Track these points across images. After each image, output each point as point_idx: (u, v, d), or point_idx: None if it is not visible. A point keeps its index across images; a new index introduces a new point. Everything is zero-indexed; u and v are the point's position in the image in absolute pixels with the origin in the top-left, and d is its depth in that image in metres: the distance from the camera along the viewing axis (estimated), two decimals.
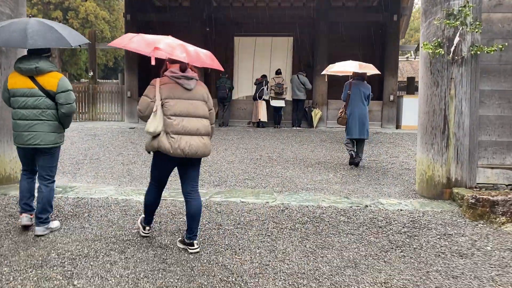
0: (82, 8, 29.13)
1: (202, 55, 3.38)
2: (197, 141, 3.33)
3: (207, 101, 3.49)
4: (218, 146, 8.76)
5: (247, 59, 14.41)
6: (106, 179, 6.01)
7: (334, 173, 6.53)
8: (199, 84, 3.47)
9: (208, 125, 3.47)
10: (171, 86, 3.35)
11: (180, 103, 3.32)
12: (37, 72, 3.64)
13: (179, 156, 3.28)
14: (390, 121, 12.68)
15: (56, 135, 3.77)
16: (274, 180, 6.02)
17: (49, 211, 3.84)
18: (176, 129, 3.27)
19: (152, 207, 3.71)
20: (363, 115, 6.94)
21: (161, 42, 3.24)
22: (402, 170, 6.79)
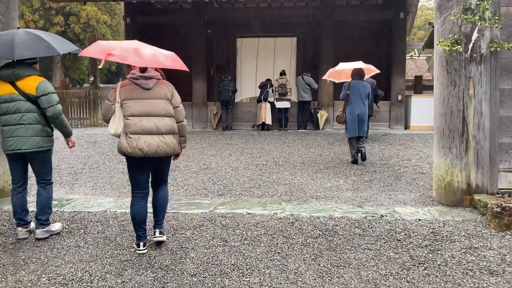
0: (84, 12, 29.01)
1: (161, 57, 3.40)
2: (157, 140, 3.34)
3: (171, 99, 3.49)
4: (222, 152, 8.46)
5: (250, 61, 14.12)
6: (105, 189, 5.72)
7: (345, 179, 6.21)
8: (160, 83, 3.49)
9: (172, 124, 3.45)
10: (130, 87, 3.42)
11: (138, 103, 3.37)
12: (15, 76, 3.63)
13: (139, 156, 3.33)
14: (398, 121, 12.33)
15: (40, 139, 3.69)
16: (281, 187, 5.71)
17: (48, 212, 3.85)
18: (133, 129, 3.33)
19: (138, 219, 3.54)
20: (363, 114, 7.13)
21: (116, 48, 3.33)
22: (416, 175, 6.46)
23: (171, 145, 3.43)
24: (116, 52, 3.29)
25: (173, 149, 3.47)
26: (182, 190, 5.60)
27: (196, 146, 9.17)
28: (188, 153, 8.34)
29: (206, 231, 3.99)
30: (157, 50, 3.46)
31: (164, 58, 3.44)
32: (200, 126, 13.02)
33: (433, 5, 5.31)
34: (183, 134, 3.62)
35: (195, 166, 7.14)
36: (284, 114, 12.17)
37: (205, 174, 6.55)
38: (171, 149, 3.45)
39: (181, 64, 3.55)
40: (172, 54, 3.55)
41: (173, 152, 3.49)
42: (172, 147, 3.44)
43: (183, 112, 3.60)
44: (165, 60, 3.43)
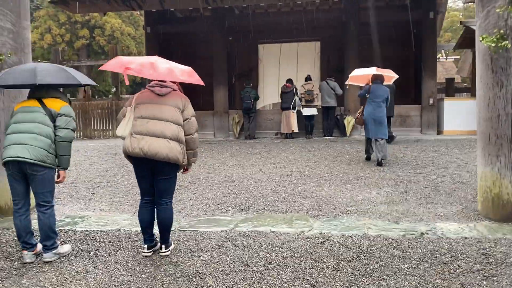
0: (108, 25, 29.45)
1: (177, 71, 3.46)
2: (161, 142, 3.34)
3: (183, 109, 3.50)
4: (244, 162, 8.09)
5: (272, 67, 13.77)
6: (121, 205, 5.43)
7: (377, 190, 5.73)
8: (175, 94, 3.55)
9: (179, 132, 3.44)
10: (145, 94, 3.56)
11: (148, 106, 3.45)
12: (46, 93, 3.62)
13: (139, 156, 3.34)
14: (430, 126, 11.69)
15: (45, 153, 3.46)
16: (308, 201, 5.28)
17: (53, 237, 3.60)
18: (139, 129, 3.38)
19: (144, 224, 3.61)
20: (381, 117, 7.41)
21: (134, 62, 3.44)
22: (455, 185, 5.91)
23: (174, 151, 3.37)
24: (133, 66, 3.39)
25: (176, 156, 3.39)
26: (202, 205, 5.24)
27: (218, 156, 8.83)
28: (209, 163, 8.01)
29: (226, 253, 3.61)
30: (174, 65, 3.53)
31: (181, 72, 3.48)
32: (222, 135, 12.72)
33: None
34: (192, 147, 3.57)
35: (215, 177, 6.79)
36: (310, 121, 11.73)
37: (226, 186, 6.19)
38: (174, 155, 3.37)
39: (197, 79, 3.58)
40: (189, 69, 3.60)
41: (176, 159, 3.40)
42: (175, 153, 3.38)
43: (194, 125, 3.56)
44: (181, 74, 3.47)
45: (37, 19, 29.55)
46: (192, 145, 3.55)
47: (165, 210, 3.56)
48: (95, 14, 29.35)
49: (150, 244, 3.63)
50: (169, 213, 3.59)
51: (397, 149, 9.00)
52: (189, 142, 3.51)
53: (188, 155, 3.57)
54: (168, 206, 3.58)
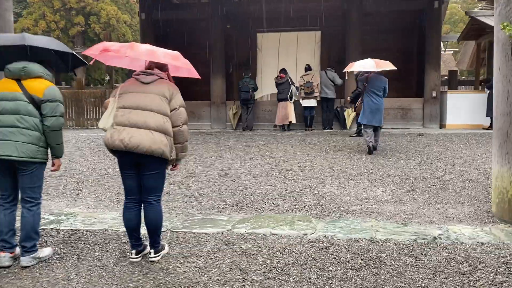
0: (104, 12, 28.89)
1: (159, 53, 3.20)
2: (143, 133, 3.04)
3: (170, 98, 3.19)
4: (242, 155, 7.76)
5: (271, 57, 13.39)
6: (110, 201, 5.09)
7: (382, 188, 5.42)
8: (162, 82, 3.24)
9: (165, 123, 3.13)
10: (130, 82, 3.31)
11: (131, 96, 3.18)
12: (24, 73, 3.21)
13: (119, 149, 3.06)
14: (433, 120, 11.39)
15: (35, 148, 3.20)
16: (310, 199, 4.97)
17: (35, 238, 3.28)
18: (120, 120, 3.11)
19: (129, 228, 3.27)
20: (379, 105, 7.67)
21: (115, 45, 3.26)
22: (464, 183, 5.61)
23: (158, 143, 3.06)
24: (113, 47, 3.21)
25: (161, 149, 3.08)
26: (197, 203, 4.92)
27: (214, 149, 8.50)
28: (205, 156, 7.67)
29: (222, 259, 3.29)
30: (159, 48, 3.27)
31: (163, 54, 3.22)
32: (219, 127, 12.37)
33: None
34: (179, 141, 3.25)
35: (212, 172, 6.46)
36: (310, 112, 11.39)
37: (222, 182, 5.86)
38: (158, 147, 3.06)
39: (184, 62, 3.29)
40: (176, 53, 3.32)
41: (161, 152, 3.08)
42: (159, 145, 3.06)
43: (182, 116, 3.24)
44: (164, 56, 3.21)
45: (31, 5, 28.87)
46: (180, 138, 3.23)
47: (152, 209, 3.23)
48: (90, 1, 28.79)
49: (138, 248, 3.30)
50: (157, 213, 3.25)
51: (400, 144, 8.70)
52: (176, 134, 3.20)
53: (176, 149, 3.24)
54: (156, 206, 3.25)
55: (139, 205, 3.27)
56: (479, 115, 10.92)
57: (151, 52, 3.18)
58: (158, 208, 3.26)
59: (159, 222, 3.27)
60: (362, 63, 7.88)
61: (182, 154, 3.32)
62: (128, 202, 3.28)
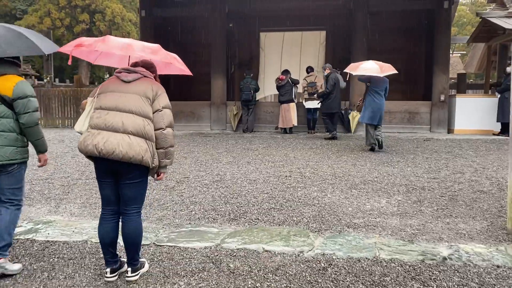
0: (109, 10, 28.65)
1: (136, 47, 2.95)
2: (119, 138, 2.75)
3: (153, 98, 2.89)
4: (240, 159, 7.42)
5: (274, 57, 13.04)
6: (96, 208, 4.76)
7: (387, 198, 5.06)
8: (145, 80, 2.94)
9: (146, 126, 2.82)
10: (111, 80, 3.01)
11: (110, 95, 2.89)
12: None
13: (93, 155, 2.78)
14: (440, 124, 10.99)
15: (13, 150, 3.12)
16: (308, 210, 4.61)
17: (6, 240, 3.08)
18: (95, 122, 2.83)
19: (105, 242, 2.94)
20: (380, 105, 7.84)
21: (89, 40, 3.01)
22: (475, 194, 5.24)
23: (136, 149, 2.75)
24: (86, 42, 2.97)
25: (140, 155, 2.76)
26: (187, 211, 4.58)
27: (211, 152, 8.16)
28: (201, 159, 7.34)
29: (207, 280, 2.95)
30: (138, 42, 3.05)
31: (141, 48, 2.96)
32: (219, 128, 12.04)
33: None
34: (162, 145, 2.90)
35: (207, 176, 6.12)
36: (313, 115, 11.03)
37: (217, 188, 5.52)
38: (136, 154, 2.75)
39: (164, 55, 3.00)
40: (156, 46, 3.06)
41: (140, 159, 2.77)
42: (137, 151, 2.75)
43: (166, 118, 2.90)
44: (141, 50, 2.94)
45: (36, 2, 28.72)
46: (163, 142, 2.89)
47: (130, 222, 2.90)
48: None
49: (114, 266, 2.97)
50: (135, 227, 2.91)
51: (407, 149, 8.32)
52: (158, 138, 2.88)
53: (159, 155, 2.90)
54: (135, 218, 2.92)
55: (117, 217, 2.98)
56: (489, 120, 10.52)
57: (126, 45, 2.91)
58: (137, 221, 2.93)
59: (138, 237, 2.94)
60: (366, 66, 7.75)
61: (166, 161, 2.95)
62: (105, 213, 2.98)
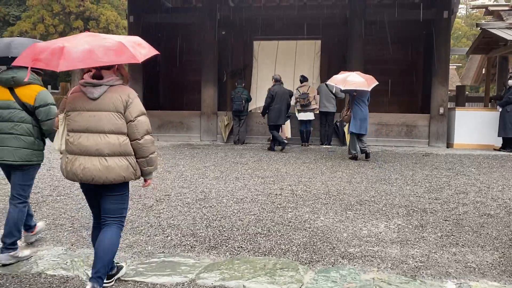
0: (103, 17, 28.36)
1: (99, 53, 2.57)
2: (96, 163, 2.71)
3: (124, 111, 2.75)
4: (228, 174, 6.94)
5: (268, 66, 12.65)
6: (62, 230, 4.26)
7: (386, 222, 4.59)
8: (113, 91, 2.76)
9: (121, 143, 2.74)
10: (76, 95, 2.81)
11: (80, 116, 2.76)
12: (14, 82, 3.40)
13: (74, 181, 2.79)
14: (439, 138, 10.59)
15: (29, 152, 3.42)
16: (299, 235, 4.13)
17: (15, 235, 3.43)
18: (70, 148, 2.78)
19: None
20: (366, 114, 8.24)
21: (46, 51, 2.62)
22: (482, 218, 4.78)
23: (115, 171, 2.71)
24: (43, 55, 2.60)
25: (120, 175, 2.73)
26: (162, 237, 4.08)
27: (198, 165, 7.68)
28: (186, 174, 6.85)
29: None
30: (97, 43, 2.64)
31: (104, 52, 2.59)
32: (209, 139, 11.57)
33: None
34: (141, 155, 2.80)
35: (190, 194, 5.64)
36: (306, 127, 10.59)
37: (199, 208, 5.03)
38: (116, 175, 2.72)
39: (130, 55, 2.64)
40: (119, 43, 2.67)
41: (121, 179, 2.75)
42: (117, 173, 2.71)
43: (141, 127, 2.77)
44: (106, 55, 2.59)
45: (30, 8, 28.30)
46: (141, 152, 2.79)
47: (106, 232, 2.83)
48: (90, 5, 28.23)
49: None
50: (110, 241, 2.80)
51: (405, 165, 7.88)
52: (136, 149, 2.78)
53: (140, 165, 2.82)
54: (113, 228, 2.85)
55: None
56: (489, 135, 10.13)
57: (89, 54, 2.56)
58: (115, 231, 2.85)
59: (109, 251, 2.80)
60: (354, 79, 7.94)
61: (149, 169, 2.87)
62: (95, 223, 3.06)
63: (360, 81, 7.89)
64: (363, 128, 8.20)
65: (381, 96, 9.47)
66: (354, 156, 8.30)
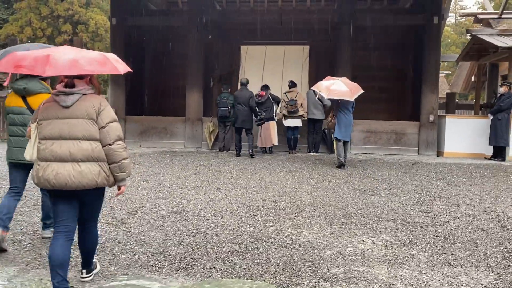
0: (92, 21, 28.03)
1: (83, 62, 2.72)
2: (69, 169, 2.76)
3: (96, 117, 2.86)
4: (209, 184, 6.60)
5: (255, 71, 12.36)
6: (18, 248, 3.88)
7: (373, 238, 4.28)
8: (85, 100, 2.87)
9: (94, 149, 2.82)
10: (49, 105, 2.92)
11: (52, 124, 2.84)
12: (25, 92, 3.77)
13: (47, 188, 2.82)
14: (429, 146, 10.36)
15: None
16: (279, 253, 3.80)
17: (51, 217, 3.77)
18: (42, 154, 2.82)
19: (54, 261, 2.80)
20: (349, 122, 8.28)
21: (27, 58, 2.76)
22: (474, 233, 4.50)
23: (88, 176, 2.78)
24: (26, 62, 2.74)
25: (93, 180, 2.80)
26: (128, 255, 3.72)
27: (179, 174, 7.32)
28: (164, 184, 6.49)
29: None
30: (81, 54, 2.82)
31: (88, 62, 2.76)
32: (193, 146, 11.22)
33: None
34: (113, 160, 2.87)
35: (165, 206, 5.28)
36: (293, 134, 10.29)
37: (174, 221, 4.68)
38: (89, 180, 2.79)
39: (111, 67, 2.84)
40: (102, 56, 2.86)
41: (94, 184, 2.81)
42: (90, 178, 2.79)
43: (112, 133, 2.87)
44: (89, 64, 2.75)
45: (17, 11, 27.78)
46: (113, 157, 2.85)
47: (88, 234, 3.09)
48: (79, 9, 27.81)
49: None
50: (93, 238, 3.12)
51: (394, 175, 7.60)
52: (107, 154, 2.85)
53: (113, 170, 2.87)
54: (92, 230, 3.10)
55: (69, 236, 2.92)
56: (480, 143, 9.92)
57: (73, 63, 2.70)
58: (94, 232, 3.12)
59: (94, 246, 3.17)
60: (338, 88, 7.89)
61: (122, 175, 2.91)
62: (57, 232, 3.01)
63: (344, 91, 7.87)
64: (347, 135, 8.25)
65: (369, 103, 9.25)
66: (340, 164, 8.19)
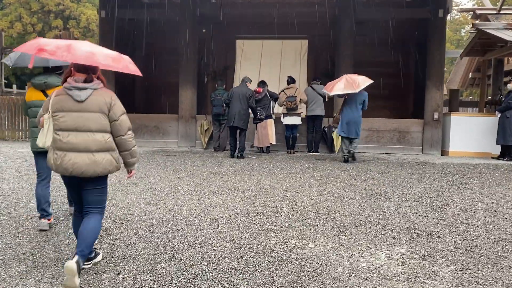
0: (84, 16, 27.51)
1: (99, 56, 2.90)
2: (85, 158, 3.01)
3: (108, 111, 3.06)
4: (203, 187, 6.13)
5: (252, 67, 11.89)
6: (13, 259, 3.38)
7: (387, 250, 3.84)
8: (97, 94, 3.06)
9: (107, 140, 3.07)
10: (62, 98, 3.07)
11: (68, 116, 3.03)
12: (46, 86, 4.02)
13: (64, 175, 3.09)
14: (434, 145, 9.95)
15: None
16: (283, 271, 3.34)
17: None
18: (59, 145, 3.04)
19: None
20: (356, 117, 8.08)
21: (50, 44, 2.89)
22: (498, 244, 4.06)
23: (102, 164, 3.04)
24: (49, 47, 2.85)
25: (106, 169, 3.06)
26: (112, 274, 3.24)
27: (171, 177, 6.84)
28: (155, 187, 6.02)
29: None
30: (98, 49, 3.00)
31: (104, 57, 2.93)
32: (187, 145, 10.73)
33: None
34: (125, 148, 3.17)
35: (156, 213, 4.81)
36: (292, 132, 9.83)
37: (165, 232, 4.21)
38: (103, 169, 3.04)
39: (124, 65, 3.01)
40: (116, 54, 3.06)
41: (107, 172, 3.08)
42: (104, 166, 3.05)
43: (124, 125, 3.12)
44: (104, 59, 2.92)
45: (7, 6, 27.13)
46: (125, 146, 3.16)
47: (90, 219, 3.11)
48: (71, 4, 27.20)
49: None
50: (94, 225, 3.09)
51: (401, 177, 7.17)
52: (119, 144, 3.15)
53: (124, 157, 3.20)
54: (96, 216, 3.14)
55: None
56: (487, 142, 9.52)
57: (90, 55, 2.88)
58: (97, 218, 3.15)
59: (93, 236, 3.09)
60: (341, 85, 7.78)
61: (133, 160, 3.24)
62: (77, 211, 3.30)
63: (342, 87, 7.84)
64: (352, 132, 8.05)
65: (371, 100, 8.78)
66: (344, 159, 8.21)
